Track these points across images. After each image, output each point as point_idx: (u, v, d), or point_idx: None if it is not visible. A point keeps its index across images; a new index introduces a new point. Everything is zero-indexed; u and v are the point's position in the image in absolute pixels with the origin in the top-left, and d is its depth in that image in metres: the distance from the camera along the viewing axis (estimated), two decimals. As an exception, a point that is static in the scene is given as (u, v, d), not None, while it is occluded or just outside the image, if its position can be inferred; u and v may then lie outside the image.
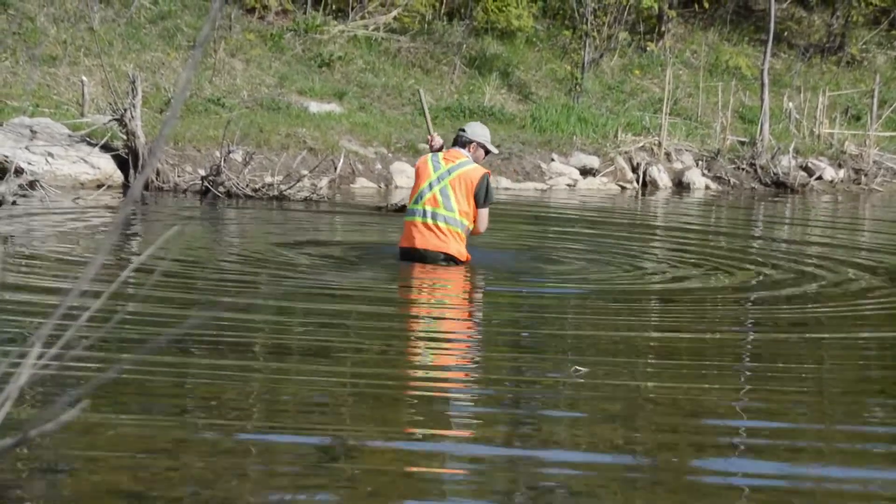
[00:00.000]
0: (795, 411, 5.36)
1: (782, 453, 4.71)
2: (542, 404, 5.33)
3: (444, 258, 8.92)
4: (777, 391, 5.71)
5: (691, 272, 9.65)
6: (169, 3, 19.86)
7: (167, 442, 4.46)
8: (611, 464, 4.48)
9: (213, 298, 7.63)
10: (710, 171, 19.48)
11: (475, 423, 4.99)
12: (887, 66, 25.81)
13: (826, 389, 5.86)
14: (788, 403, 5.49)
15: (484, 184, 8.93)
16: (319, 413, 4.98)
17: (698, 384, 5.74)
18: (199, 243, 10.32)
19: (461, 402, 5.42)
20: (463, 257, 8.98)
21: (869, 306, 8.39)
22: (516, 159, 17.86)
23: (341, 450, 4.47)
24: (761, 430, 5.06)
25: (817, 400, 5.62)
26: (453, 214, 8.91)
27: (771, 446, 4.80)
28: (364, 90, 19.49)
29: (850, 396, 5.72)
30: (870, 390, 5.91)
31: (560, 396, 5.43)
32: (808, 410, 5.40)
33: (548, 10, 23.35)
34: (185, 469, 4.17)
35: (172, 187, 14.61)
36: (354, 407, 5.12)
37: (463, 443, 4.73)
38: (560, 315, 7.71)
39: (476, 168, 8.98)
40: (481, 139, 9.08)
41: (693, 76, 22.78)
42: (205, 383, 5.41)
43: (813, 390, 5.81)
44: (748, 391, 5.73)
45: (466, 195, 8.90)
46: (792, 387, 5.83)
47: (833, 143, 21.14)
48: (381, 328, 7.11)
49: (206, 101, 17.47)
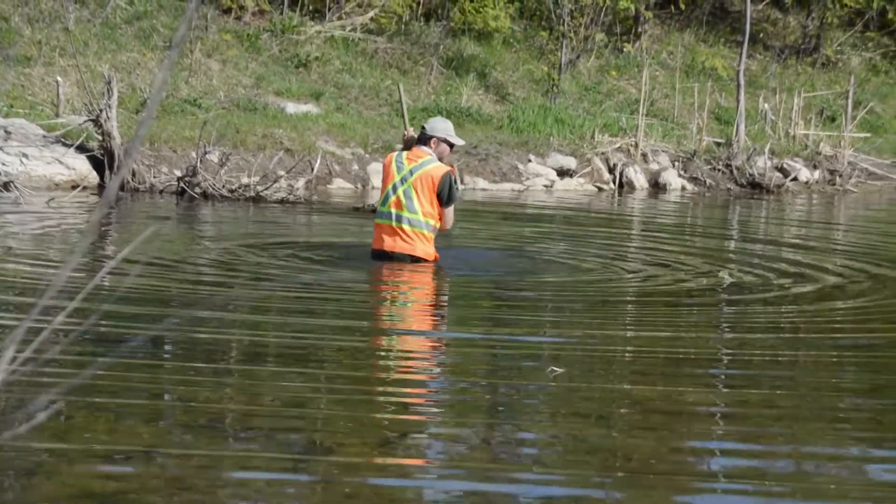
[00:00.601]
0: (770, 411, 5.38)
1: (758, 453, 4.73)
2: (518, 404, 5.33)
3: (411, 260, 8.94)
4: (752, 392, 5.72)
5: (667, 272, 9.67)
6: (144, 4, 19.79)
7: (140, 444, 4.44)
8: (588, 463, 4.48)
9: (188, 300, 7.60)
10: (686, 171, 19.53)
11: (451, 424, 4.99)
12: (861, 67, 25.95)
13: (801, 389, 5.88)
14: (763, 404, 5.51)
15: (446, 183, 8.89)
16: (294, 415, 4.97)
17: (674, 385, 5.75)
18: (174, 244, 10.28)
19: (436, 402, 5.42)
20: (430, 257, 8.99)
21: (842, 306, 8.42)
22: (493, 160, 17.87)
23: (317, 451, 4.46)
24: (736, 430, 5.08)
25: (792, 400, 5.64)
26: (417, 216, 8.91)
27: (746, 446, 4.81)
28: (341, 91, 19.47)
29: (825, 396, 5.74)
30: (845, 389, 5.93)
31: (536, 397, 5.43)
32: (783, 410, 5.42)
33: (524, 11, 23.37)
34: (159, 472, 4.15)
35: (148, 188, 14.56)
36: (329, 408, 5.11)
37: (438, 443, 4.73)
38: (536, 315, 7.72)
39: (438, 166, 8.94)
40: (442, 133, 9.00)
41: (669, 77, 22.85)
42: (178, 386, 5.39)
43: (788, 390, 5.84)
44: (724, 392, 5.74)
45: (429, 195, 8.88)
46: (766, 388, 5.85)
47: (808, 145, 21.24)
48: (356, 329, 7.10)
49: (182, 101, 17.41)
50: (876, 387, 6.01)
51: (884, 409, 5.54)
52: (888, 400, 5.71)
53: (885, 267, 10.50)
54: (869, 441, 4.95)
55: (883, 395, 5.81)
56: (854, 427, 5.20)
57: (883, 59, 26.52)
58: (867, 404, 5.61)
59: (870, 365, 6.55)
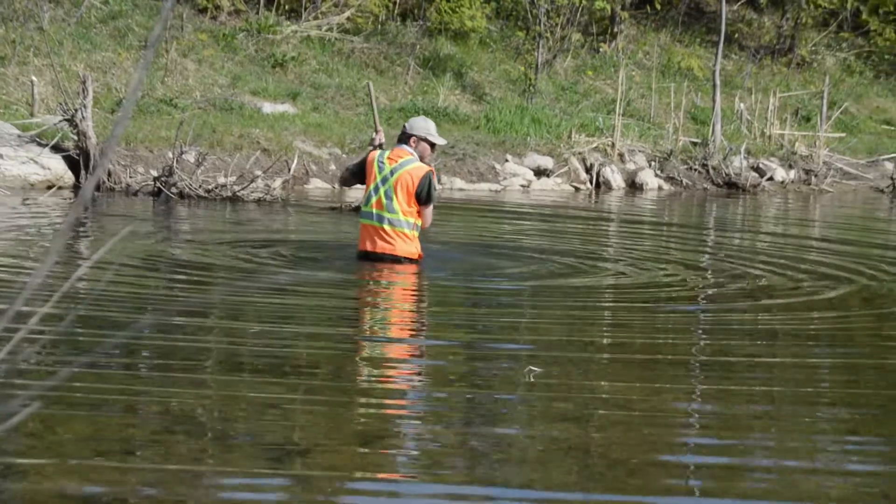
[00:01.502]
0: (748, 410, 5.40)
1: (735, 453, 4.75)
2: (496, 404, 5.33)
3: (393, 259, 8.94)
4: (729, 391, 5.74)
5: (644, 272, 9.69)
6: (120, 3, 19.70)
7: (117, 444, 4.42)
8: (565, 463, 4.48)
9: (166, 299, 7.57)
10: (662, 171, 19.58)
11: (429, 425, 4.99)
12: (836, 67, 26.08)
13: (776, 386, 5.91)
14: (741, 404, 5.52)
15: (426, 182, 8.89)
16: (272, 414, 4.96)
17: (651, 384, 5.77)
18: (150, 244, 10.24)
19: (414, 402, 5.42)
20: (414, 256, 9.00)
21: (817, 305, 8.46)
22: (470, 160, 17.87)
23: (294, 454, 4.45)
24: (713, 430, 5.09)
25: (767, 397, 5.66)
26: (397, 216, 8.92)
27: (721, 444, 4.83)
28: (318, 91, 19.43)
29: (800, 392, 5.76)
30: (819, 386, 5.95)
31: (514, 396, 5.44)
32: (759, 408, 5.44)
33: (501, 11, 23.38)
34: (135, 471, 4.13)
35: (124, 188, 14.50)
36: (307, 408, 5.10)
37: (416, 444, 4.72)
38: (514, 315, 7.72)
39: (418, 166, 8.95)
40: (422, 132, 9.01)
41: (645, 77, 22.90)
42: (156, 385, 5.37)
43: (763, 388, 5.86)
44: (700, 390, 5.76)
45: (408, 194, 8.90)
46: (742, 385, 5.87)
47: (784, 144, 21.33)
48: (335, 329, 7.09)
49: (158, 101, 17.35)
50: (852, 384, 6.04)
51: (860, 406, 5.56)
52: (864, 395, 5.74)
53: (861, 266, 10.55)
54: (845, 440, 4.97)
55: (859, 394, 5.83)
56: (831, 427, 5.22)
57: (857, 60, 26.66)
58: (843, 402, 5.63)
59: (846, 363, 6.58)
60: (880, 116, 24.87)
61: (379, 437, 4.76)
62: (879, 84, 26.25)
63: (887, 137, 23.32)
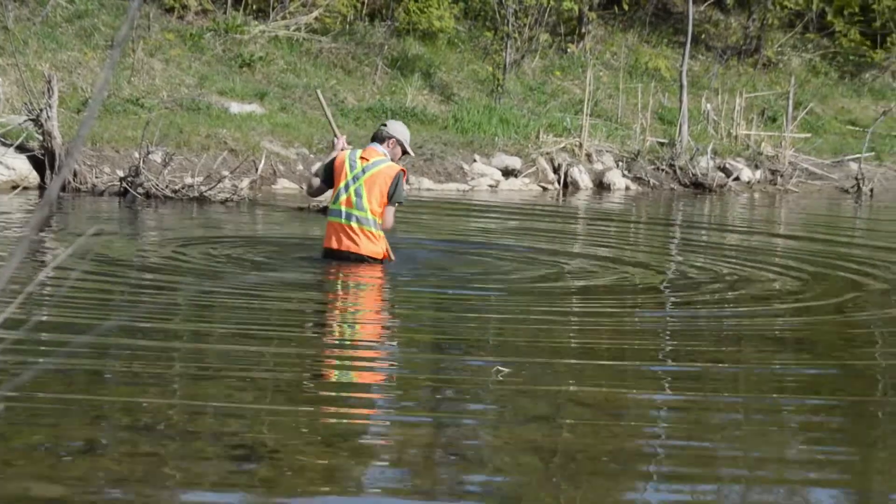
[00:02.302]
0: (714, 409, 5.42)
1: (702, 452, 4.77)
2: (464, 404, 5.33)
3: (359, 258, 8.92)
4: (696, 390, 5.77)
5: (612, 271, 9.72)
6: (86, 2, 19.59)
7: (82, 445, 4.40)
8: (533, 463, 4.49)
9: (131, 301, 7.54)
10: (630, 171, 19.65)
11: (397, 424, 4.99)
12: (801, 68, 26.25)
13: (743, 387, 5.94)
14: (707, 402, 5.55)
15: (398, 181, 8.92)
16: (238, 414, 4.94)
17: (618, 384, 5.79)
18: (117, 245, 10.19)
19: (382, 402, 5.41)
20: (379, 256, 8.98)
21: (782, 304, 8.51)
22: (438, 160, 17.88)
23: (260, 453, 4.43)
24: (680, 429, 5.11)
25: (734, 397, 5.69)
26: (365, 214, 8.92)
27: (688, 444, 4.85)
28: (285, 91, 19.38)
29: (765, 392, 5.80)
30: (785, 386, 5.99)
31: (483, 397, 5.44)
32: (725, 408, 5.47)
33: (469, 12, 23.40)
34: (101, 473, 4.11)
35: (90, 188, 14.41)
36: (273, 408, 5.08)
37: (384, 443, 4.72)
38: (483, 315, 7.73)
39: (391, 166, 8.97)
40: (401, 137, 9.07)
41: (613, 78, 22.98)
42: (121, 386, 5.34)
43: (730, 388, 5.89)
44: (668, 391, 5.78)
45: (380, 194, 8.90)
46: (709, 386, 5.90)
47: (750, 145, 21.45)
48: (301, 329, 7.08)
49: (124, 101, 17.26)
50: (816, 382, 6.08)
51: (822, 401, 5.60)
52: (827, 393, 5.78)
53: (823, 265, 10.62)
54: (809, 438, 5.00)
55: (822, 391, 5.88)
56: (797, 425, 5.25)
57: (822, 61, 26.85)
58: (808, 399, 5.67)
59: (810, 362, 6.62)
60: (845, 117, 25.05)
61: (344, 438, 4.76)
62: (844, 85, 26.45)
63: (852, 138, 23.50)
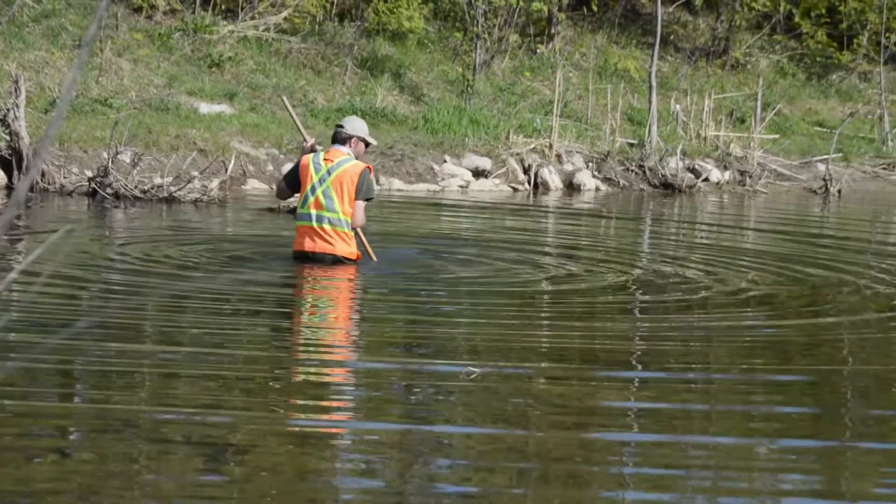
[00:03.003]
0: (684, 408, 5.45)
1: (669, 450, 4.79)
2: (435, 406, 5.34)
3: (333, 259, 8.92)
4: (665, 390, 5.79)
5: (581, 271, 9.74)
6: (53, 2, 19.46)
7: (52, 446, 4.37)
8: (502, 464, 4.50)
9: (101, 302, 7.50)
10: (600, 172, 19.70)
11: (368, 424, 4.98)
12: (769, 69, 26.40)
13: (712, 386, 5.97)
14: (677, 402, 5.58)
15: (364, 178, 8.93)
16: (210, 415, 4.93)
17: (588, 385, 5.80)
18: (86, 245, 10.13)
19: (353, 401, 5.41)
20: (353, 256, 8.99)
21: (752, 304, 8.56)
22: (408, 161, 17.87)
23: (232, 452, 4.42)
24: (649, 428, 5.13)
25: (703, 397, 5.72)
26: (337, 215, 8.92)
27: (660, 445, 4.87)
28: (255, 91, 19.33)
29: (736, 393, 5.83)
30: (755, 385, 6.02)
31: (453, 394, 5.45)
32: (695, 406, 5.50)
33: (439, 12, 23.40)
34: (72, 474, 4.09)
35: (58, 189, 14.33)
36: (246, 408, 5.07)
37: (355, 443, 4.72)
38: (452, 315, 7.73)
39: (356, 164, 8.98)
40: (361, 133, 9.09)
41: (583, 78, 23.04)
42: (92, 388, 5.32)
43: (699, 388, 5.91)
44: (638, 390, 5.80)
45: (349, 193, 8.90)
46: (680, 385, 5.93)
47: (719, 146, 21.55)
48: (272, 329, 7.06)
49: (92, 101, 17.16)
50: (785, 382, 6.11)
51: (793, 402, 5.63)
52: (797, 387, 5.82)
53: (793, 265, 10.69)
54: (778, 435, 5.03)
55: (791, 391, 5.91)
56: (765, 423, 5.28)
57: (790, 62, 27.01)
58: (777, 399, 5.70)
59: (780, 361, 6.66)
60: (813, 118, 25.21)
61: (316, 439, 4.75)
62: (812, 86, 26.61)
63: (819, 139, 23.64)
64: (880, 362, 6.74)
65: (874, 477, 4.64)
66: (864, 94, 26.60)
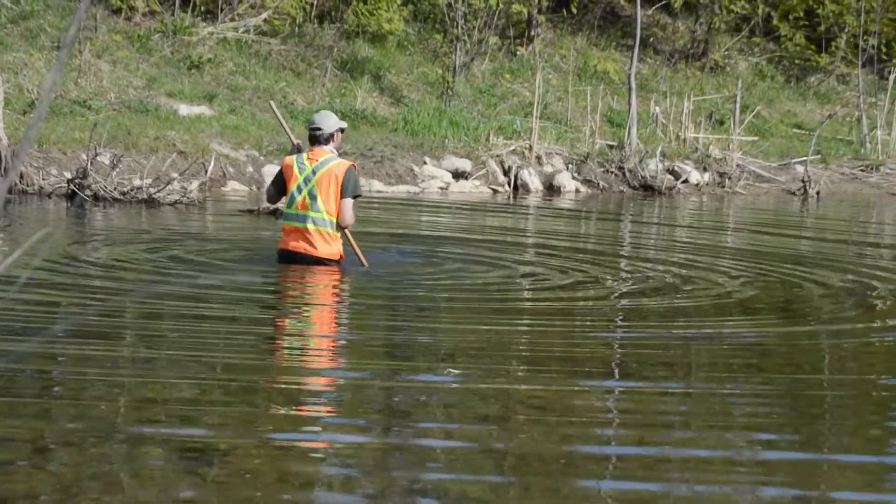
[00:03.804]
0: (664, 410, 5.47)
1: (650, 452, 4.80)
2: (415, 406, 5.34)
3: (315, 260, 8.92)
4: (645, 392, 5.81)
5: (561, 272, 9.76)
6: (31, 3, 19.39)
7: (29, 447, 4.36)
8: (483, 464, 4.51)
9: (80, 303, 7.48)
10: (580, 174, 19.74)
11: (348, 425, 4.99)
12: (748, 72, 26.50)
13: (692, 389, 5.99)
14: (656, 403, 5.60)
15: (349, 175, 8.94)
16: (190, 417, 4.92)
17: (568, 386, 5.82)
18: (65, 247, 10.09)
19: (334, 404, 5.41)
20: (336, 257, 8.99)
21: (731, 305, 8.59)
22: (388, 162, 17.87)
23: (211, 454, 4.42)
24: (629, 430, 5.15)
25: (683, 400, 5.74)
26: (321, 215, 8.92)
27: (639, 446, 4.88)
28: (234, 93, 19.30)
29: (716, 395, 5.85)
30: (735, 387, 6.04)
31: (433, 398, 5.45)
32: (675, 410, 5.52)
33: (419, 14, 23.41)
34: (49, 475, 4.08)
35: (37, 191, 14.28)
36: (226, 410, 5.06)
37: (335, 445, 4.72)
38: (432, 316, 7.74)
39: (340, 163, 8.99)
40: (337, 126, 9.10)
41: (562, 80, 23.08)
42: (71, 388, 5.30)
43: (679, 391, 5.93)
44: (617, 392, 5.82)
45: (335, 192, 8.91)
46: (659, 388, 5.94)
47: (698, 147, 21.61)
48: (253, 331, 7.05)
49: (71, 102, 17.10)
50: (765, 382, 6.14)
51: (772, 403, 5.66)
52: (776, 394, 5.84)
53: (772, 266, 10.73)
54: (758, 436, 5.06)
55: (771, 391, 5.94)
56: (745, 425, 5.30)
57: (768, 65, 27.11)
58: (756, 400, 5.73)
59: (759, 362, 6.69)
60: (791, 120, 25.31)
61: (296, 440, 4.75)
62: (790, 88, 26.72)
63: (798, 141, 23.74)
64: (858, 369, 6.78)
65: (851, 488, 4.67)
66: (842, 97, 26.74)
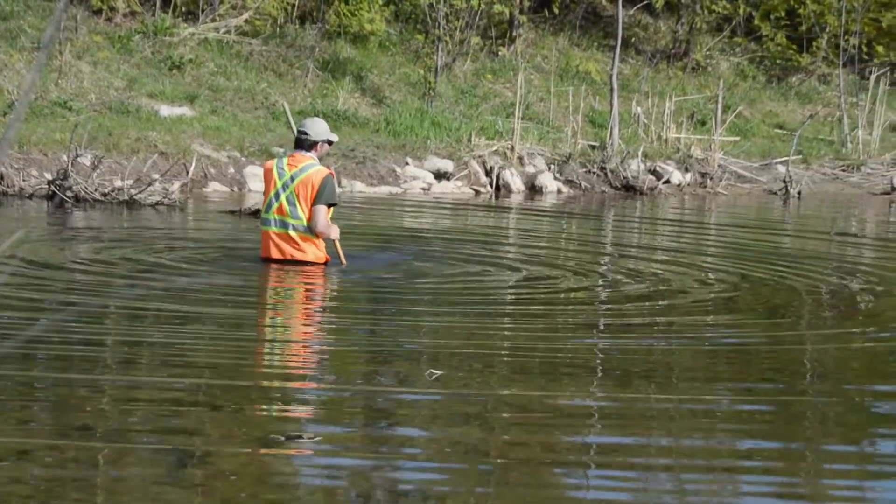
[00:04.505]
0: (646, 411, 5.47)
1: (634, 453, 4.81)
2: (397, 407, 5.33)
3: (299, 265, 8.90)
4: (626, 394, 5.81)
5: (544, 273, 9.76)
6: (11, 4, 19.31)
7: (11, 451, 4.33)
8: (465, 464, 4.50)
9: (61, 304, 7.44)
10: (561, 174, 19.75)
11: (330, 427, 4.97)
12: (730, 72, 26.57)
13: (674, 391, 5.99)
14: (639, 404, 5.60)
15: (326, 183, 8.91)
16: (171, 420, 4.90)
17: (550, 388, 5.82)
18: (46, 248, 10.05)
19: (316, 406, 5.40)
20: (320, 260, 8.98)
21: (713, 306, 8.61)
22: (370, 163, 17.85)
23: (193, 456, 4.40)
24: (612, 430, 5.15)
25: (665, 401, 5.75)
26: (301, 221, 8.91)
27: (622, 440, 4.88)
28: (216, 94, 19.25)
29: (699, 395, 5.86)
30: (718, 387, 6.05)
31: (415, 399, 5.44)
32: (657, 413, 5.52)
33: (400, 15, 23.40)
34: (31, 479, 4.05)
35: (17, 192, 14.21)
36: (207, 413, 5.05)
37: (318, 447, 4.71)
38: (415, 318, 7.73)
39: (319, 170, 8.96)
40: (325, 136, 9.07)
41: (544, 81, 23.10)
42: (52, 391, 5.27)
43: (661, 388, 5.94)
44: (598, 394, 5.82)
45: (311, 199, 8.89)
46: (641, 390, 5.95)
47: (680, 148, 21.66)
48: (235, 333, 7.03)
49: (52, 103, 17.04)
50: (747, 384, 6.15)
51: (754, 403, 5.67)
52: (758, 396, 5.85)
53: (753, 266, 10.75)
54: (741, 436, 5.06)
55: (754, 392, 5.95)
56: (727, 425, 5.31)
57: (750, 65, 27.19)
58: (739, 401, 5.74)
59: (742, 363, 6.70)
60: (773, 120, 25.39)
61: (279, 441, 4.73)
62: (772, 88, 26.80)
63: (780, 141, 23.82)
64: (840, 371, 6.80)
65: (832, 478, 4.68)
66: (824, 97, 26.83)
